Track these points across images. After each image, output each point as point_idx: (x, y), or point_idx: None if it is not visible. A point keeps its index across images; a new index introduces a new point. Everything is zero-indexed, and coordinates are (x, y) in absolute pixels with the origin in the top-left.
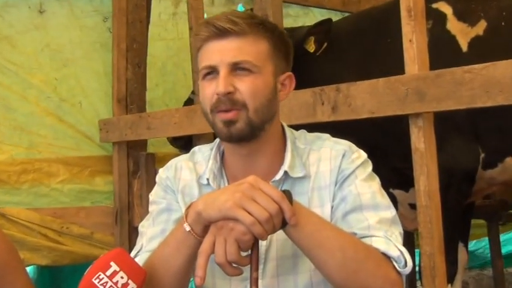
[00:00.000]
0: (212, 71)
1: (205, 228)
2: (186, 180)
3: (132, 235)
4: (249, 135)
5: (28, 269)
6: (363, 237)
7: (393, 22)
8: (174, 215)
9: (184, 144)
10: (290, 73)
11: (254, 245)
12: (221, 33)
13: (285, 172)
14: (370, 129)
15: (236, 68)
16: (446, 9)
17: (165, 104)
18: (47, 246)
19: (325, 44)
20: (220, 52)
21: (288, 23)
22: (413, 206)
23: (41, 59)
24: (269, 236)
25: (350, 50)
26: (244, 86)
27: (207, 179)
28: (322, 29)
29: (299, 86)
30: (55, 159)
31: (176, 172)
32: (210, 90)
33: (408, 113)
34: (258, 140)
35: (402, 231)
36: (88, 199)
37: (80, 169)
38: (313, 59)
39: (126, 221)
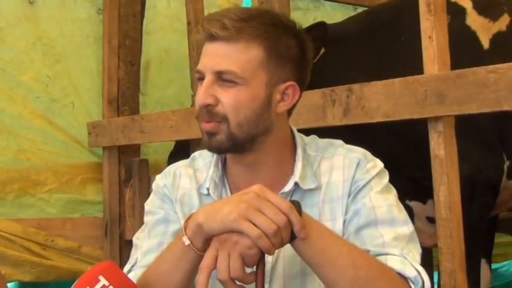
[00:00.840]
0: (201, 77)
1: (207, 242)
2: (185, 189)
3: (123, 249)
4: (231, 148)
5: (9, 285)
6: (377, 255)
7: (407, 18)
8: (172, 226)
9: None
10: (293, 82)
11: (260, 261)
12: (211, 36)
13: (295, 183)
14: (384, 135)
15: (220, 77)
16: (466, 2)
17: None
18: (30, 261)
19: (323, 50)
20: (208, 58)
21: (297, 16)
22: (431, 220)
23: (33, 54)
24: (276, 251)
25: (359, 52)
26: (227, 99)
27: (207, 189)
28: (316, 34)
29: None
30: (44, 167)
31: (175, 179)
32: (197, 97)
33: (427, 116)
34: (256, 151)
35: (420, 250)
36: (77, 210)
37: (70, 177)
38: (319, 65)
39: (117, 234)
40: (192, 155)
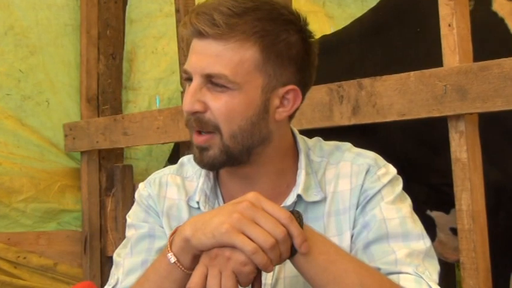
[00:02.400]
0: (189, 77)
1: (195, 259)
2: (172, 200)
3: (104, 266)
4: (225, 163)
5: None
6: (389, 273)
7: (421, 8)
8: (158, 242)
9: None
10: (294, 86)
11: (256, 279)
12: (198, 32)
13: (298, 195)
14: (398, 136)
15: (209, 81)
16: None
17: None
18: None
19: None
20: (197, 57)
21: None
22: (456, 231)
23: (4, 46)
24: (276, 272)
25: (370, 49)
26: (217, 106)
27: (198, 202)
28: None
29: None
30: (18, 172)
31: (161, 189)
32: (185, 101)
33: (447, 114)
34: (253, 163)
35: (439, 267)
36: (54, 220)
37: (48, 184)
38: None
39: (98, 249)
40: (180, 160)
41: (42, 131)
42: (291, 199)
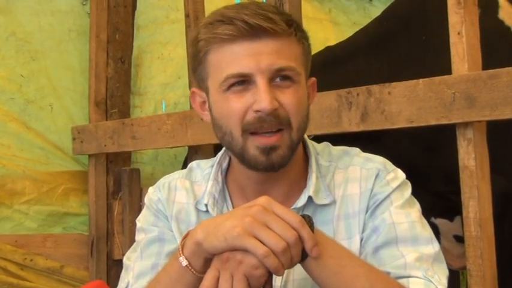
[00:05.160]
0: (243, 81)
1: (206, 263)
2: (181, 204)
3: (111, 270)
4: (288, 161)
5: None
6: (398, 277)
7: (426, 16)
8: (167, 246)
9: None
10: (314, 78)
11: (267, 282)
12: (255, 32)
13: (309, 197)
14: (405, 142)
15: (277, 76)
16: None
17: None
18: (6, 283)
19: None
20: (256, 57)
21: (315, 5)
22: (459, 239)
23: (5, 51)
24: (285, 274)
25: (376, 60)
26: (288, 100)
27: (206, 205)
28: None
29: None
30: (21, 174)
31: (170, 193)
32: (240, 105)
33: (455, 122)
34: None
35: (447, 272)
36: (59, 224)
37: (51, 187)
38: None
39: (104, 253)
40: (189, 165)
41: (46, 135)
42: (302, 201)
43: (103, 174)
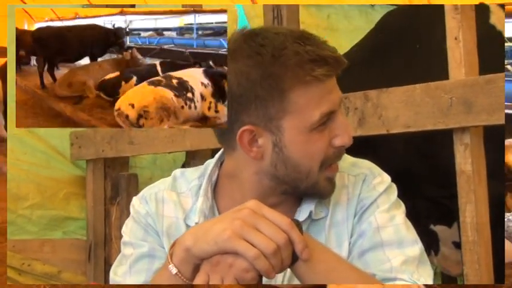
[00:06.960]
0: (327, 119)
1: (196, 269)
2: (170, 218)
3: (108, 275)
4: None
5: None
6: (384, 279)
7: (418, 26)
8: (158, 263)
9: None
10: None
11: (258, 286)
12: (339, 68)
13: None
14: (401, 148)
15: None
16: None
17: None
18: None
19: None
20: (337, 93)
21: (312, 12)
22: (458, 245)
23: None
24: (276, 280)
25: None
26: None
27: (197, 223)
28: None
29: None
30: (25, 179)
31: (158, 206)
32: (325, 144)
33: (452, 127)
34: None
35: (432, 272)
36: (60, 228)
37: (54, 191)
38: None
39: (102, 258)
40: (173, 173)
41: (48, 139)
42: (302, 216)
43: (101, 179)
